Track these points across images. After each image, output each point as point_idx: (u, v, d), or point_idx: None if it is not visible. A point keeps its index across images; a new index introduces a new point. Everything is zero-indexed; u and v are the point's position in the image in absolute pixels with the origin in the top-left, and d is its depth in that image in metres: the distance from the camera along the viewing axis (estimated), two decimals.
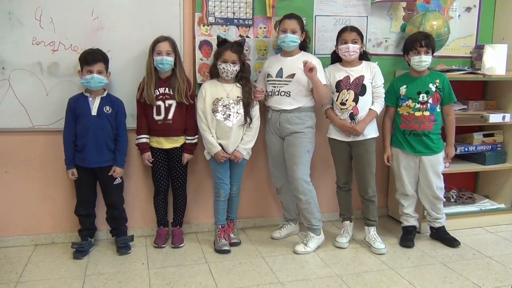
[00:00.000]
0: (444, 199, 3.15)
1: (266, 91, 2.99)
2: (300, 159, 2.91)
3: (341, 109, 2.93)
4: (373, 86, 2.91)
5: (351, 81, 2.90)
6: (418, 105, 2.96)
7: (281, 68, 2.92)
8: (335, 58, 3.03)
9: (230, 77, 2.86)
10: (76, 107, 2.76)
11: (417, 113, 2.97)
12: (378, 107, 2.92)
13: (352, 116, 2.90)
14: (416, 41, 2.92)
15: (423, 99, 2.96)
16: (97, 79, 2.69)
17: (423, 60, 2.91)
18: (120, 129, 2.86)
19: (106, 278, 2.57)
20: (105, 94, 2.81)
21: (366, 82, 2.89)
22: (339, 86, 2.93)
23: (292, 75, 2.88)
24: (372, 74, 2.91)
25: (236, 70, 2.84)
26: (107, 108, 2.78)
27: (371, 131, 2.95)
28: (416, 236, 3.18)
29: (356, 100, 2.89)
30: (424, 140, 2.97)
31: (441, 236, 3.16)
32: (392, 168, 3.18)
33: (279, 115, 2.94)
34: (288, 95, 2.90)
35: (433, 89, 2.96)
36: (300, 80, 2.88)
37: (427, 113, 2.96)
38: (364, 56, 2.99)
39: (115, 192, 2.91)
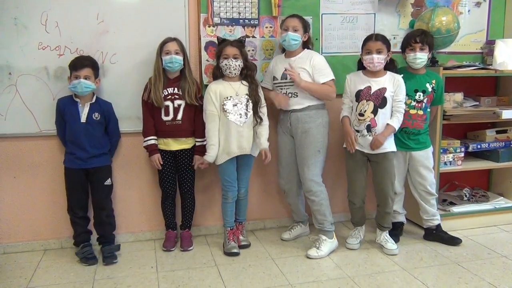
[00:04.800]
0: (437, 195, 3.10)
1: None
2: (311, 160, 2.87)
3: (359, 120, 2.84)
4: (394, 100, 2.80)
5: (371, 92, 2.81)
6: (413, 103, 2.94)
7: (286, 70, 2.88)
8: (361, 66, 2.91)
9: (234, 73, 2.81)
10: (65, 112, 2.75)
11: (412, 111, 2.94)
12: (397, 123, 2.80)
13: (369, 128, 2.81)
14: (411, 37, 2.90)
15: (419, 97, 2.93)
16: (84, 84, 2.66)
17: (418, 57, 2.88)
18: (114, 138, 2.92)
19: (115, 282, 2.56)
20: (94, 100, 2.78)
21: (387, 94, 2.79)
22: (359, 96, 2.84)
23: None
24: (394, 87, 2.80)
25: (239, 65, 2.80)
26: (96, 114, 2.76)
27: (390, 145, 2.85)
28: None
29: (375, 112, 2.79)
30: (414, 137, 2.97)
31: (441, 236, 3.09)
32: None
33: (289, 114, 2.91)
34: (295, 95, 2.87)
35: (430, 89, 2.95)
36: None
37: (421, 112, 2.96)
38: (390, 65, 2.88)
39: (104, 192, 2.86)
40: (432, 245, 3.04)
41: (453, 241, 3.04)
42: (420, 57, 2.89)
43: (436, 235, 3.10)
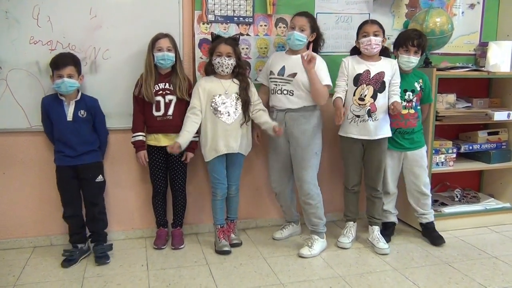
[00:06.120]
0: (430, 195, 3.11)
1: (269, 88, 2.94)
2: (309, 163, 2.84)
3: (359, 104, 2.84)
4: (392, 84, 2.83)
5: (371, 76, 2.82)
6: (404, 103, 2.95)
7: (284, 66, 2.84)
8: (355, 53, 2.93)
9: (226, 71, 2.79)
10: (50, 111, 2.71)
11: (404, 111, 2.95)
12: (399, 99, 2.83)
13: (369, 113, 2.82)
14: (409, 39, 2.88)
15: (409, 97, 2.95)
16: (68, 83, 2.62)
17: (411, 61, 2.91)
18: (102, 135, 2.87)
19: (105, 280, 2.53)
20: (79, 97, 2.74)
21: (386, 79, 2.81)
22: (358, 80, 2.84)
23: (293, 75, 2.80)
24: (392, 71, 2.83)
25: (231, 64, 2.79)
26: (82, 112, 2.72)
27: (387, 130, 2.88)
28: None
29: (374, 96, 2.81)
30: (408, 137, 2.98)
31: (428, 233, 3.12)
32: None
33: (284, 114, 2.86)
34: (291, 94, 2.82)
35: (418, 88, 2.98)
36: (301, 80, 2.78)
37: (412, 111, 2.98)
38: (384, 52, 2.91)
39: (96, 189, 2.82)
40: (423, 245, 3.05)
41: (437, 241, 3.06)
42: (412, 61, 2.91)
43: (425, 232, 3.14)
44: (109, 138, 2.96)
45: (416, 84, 2.97)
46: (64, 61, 2.63)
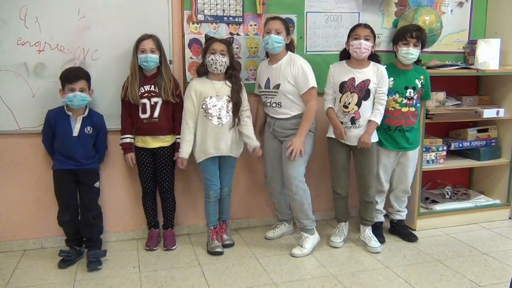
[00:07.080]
0: (410, 193, 3.14)
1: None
2: (295, 161, 2.84)
3: (343, 111, 2.84)
4: (377, 91, 2.81)
5: (356, 84, 2.80)
6: (405, 101, 2.94)
7: (268, 79, 2.86)
8: (344, 56, 2.92)
9: (220, 70, 2.77)
10: (56, 125, 2.69)
11: (404, 109, 2.94)
12: (379, 117, 2.81)
13: (353, 121, 2.82)
14: (407, 32, 2.88)
15: (410, 94, 2.93)
16: (80, 97, 2.62)
17: (410, 53, 2.87)
18: (101, 149, 2.86)
19: (96, 283, 2.52)
20: (86, 113, 2.73)
21: (371, 86, 2.79)
22: (343, 87, 2.84)
23: (277, 86, 2.81)
24: (378, 78, 2.81)
25: (225, 62, 2.77)
26: (89, 128, 2.72)
27: (373, 136, 2.86)
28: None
29: (359, 104, 2.80)
30: (408, 135, 2.97)
31: (399, 230, 3.16)
32: None
33: (274, 121, 2.90)
34: (279, 106, 2.85)
35: (419, 85, 2.96)
36: (285, 91, 2.80)
37: (412, 109, 2.96)
38: (373, 57, 2.90)
39: (93, 194, 2.81)
40: (414, 243, 3.06)
41: (410, 238, 3.10)
42: (412, 53, 2.87)
43: (395, 228, 3.17)
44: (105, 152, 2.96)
45: (417, 81, 2.95)
46: (76, 75, 2.63)
